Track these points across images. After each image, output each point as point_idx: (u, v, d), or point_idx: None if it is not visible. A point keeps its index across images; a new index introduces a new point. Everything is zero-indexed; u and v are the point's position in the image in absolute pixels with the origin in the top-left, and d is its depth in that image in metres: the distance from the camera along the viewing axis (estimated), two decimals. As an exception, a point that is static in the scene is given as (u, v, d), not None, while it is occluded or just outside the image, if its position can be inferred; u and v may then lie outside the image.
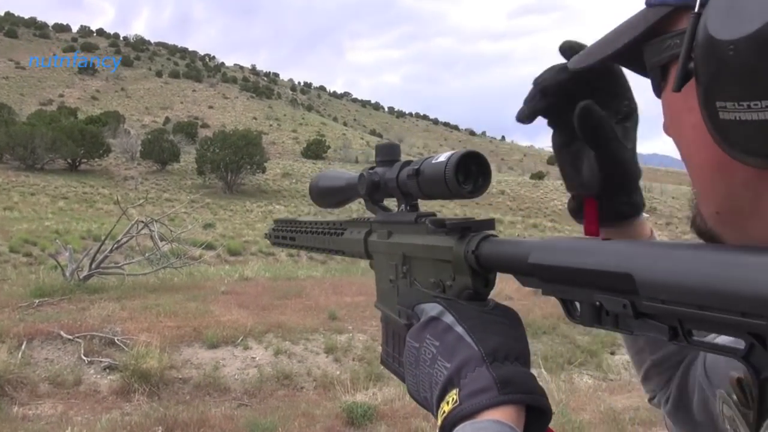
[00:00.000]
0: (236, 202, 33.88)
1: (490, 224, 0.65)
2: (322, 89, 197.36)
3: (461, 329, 0.57)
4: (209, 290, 9.05)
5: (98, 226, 18.21)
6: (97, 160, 42.82)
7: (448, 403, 0.54)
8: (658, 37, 0.46)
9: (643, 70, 0.51)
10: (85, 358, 5.70)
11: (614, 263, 0.45)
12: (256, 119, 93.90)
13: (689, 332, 0.42)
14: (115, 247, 9.06)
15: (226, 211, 29.97)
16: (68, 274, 8.39)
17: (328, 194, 0.93)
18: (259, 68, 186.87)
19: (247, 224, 24.23)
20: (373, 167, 0.81)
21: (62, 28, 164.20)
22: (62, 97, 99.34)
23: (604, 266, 0.46)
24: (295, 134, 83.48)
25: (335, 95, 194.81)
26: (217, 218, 25.39)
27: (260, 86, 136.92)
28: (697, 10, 0.39)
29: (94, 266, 8.59)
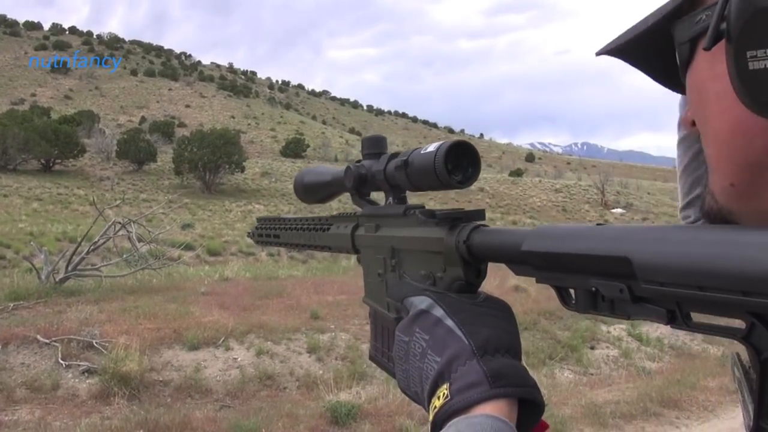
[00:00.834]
0: (215, 201, 33.58)
1: (480, 215, 0.65)
2: (300, 87, 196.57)
3: (451, 322, 0.57)
4: (189, 291, 8.95)
5: (74, 227, 17.89)
6: (71, 160, 42.11)
7: (439, 398, 0.53)
8: (687, 14, 0.45)
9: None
10: (62, 362, 5.59)
11: (610, 247, 0.44)
12: (234, 118, 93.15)
13: (687, 315, 0.42)
14: (91, 248, 8.90)
15: (204, 211, 29.68)
16: (44, 276, 8.23)
17: (313, 189, 0.91)
18: (236, 66, 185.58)
19: (226, 224, 24.03)
20: (359, 161, 0.80)
21: (33, 26, 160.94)
22: (34, 96, 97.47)
23: (599, 251, 0.45)
24: (273, 133, 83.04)
25: (314, 93, 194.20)
26: (195, 218, 25.13)
27: (238, 85, 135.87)
28: None
29: (70, 268, 8.44)
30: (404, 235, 0.71)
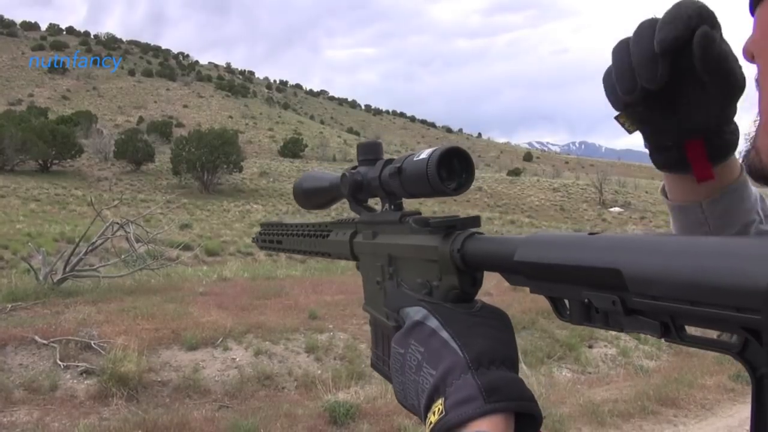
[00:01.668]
0: (213, 201, 33.56)
1: (475, 222, 0.63)
2: (298, 87, 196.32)
3: (446, 334, 0.56)
4: (187, 291, 8.94)
5: (72, 228, 17.87)
6: (69, 160, 42.05)
7: (434, 413, 0.52)
8: None
9: None
10: (60, 363, 5.59)
11: (602, 258, 0.43)
12: (231, 118, 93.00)
13: (681, 328, 0.41)
14: (89, 249, 8.88)
15: (203, 211, 29.66)
16: (42, 277, 8.22)
17: (312, 195, 0.91)
18: (234, 66, 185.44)
19: (224, 224, 24.01)
20: (355, 167, 0.79)
21: (30, 26, 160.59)
22: (32, 96, 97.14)
23: (591, 262, 0.44)
24: (271, 133, 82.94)
25: (311, 93, 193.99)
26: (193, 218, 25.11)
27: (235, 84, 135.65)
28: None
29: (68, 269, 8.42)
30: (400, 242, 0.70)
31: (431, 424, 0.51)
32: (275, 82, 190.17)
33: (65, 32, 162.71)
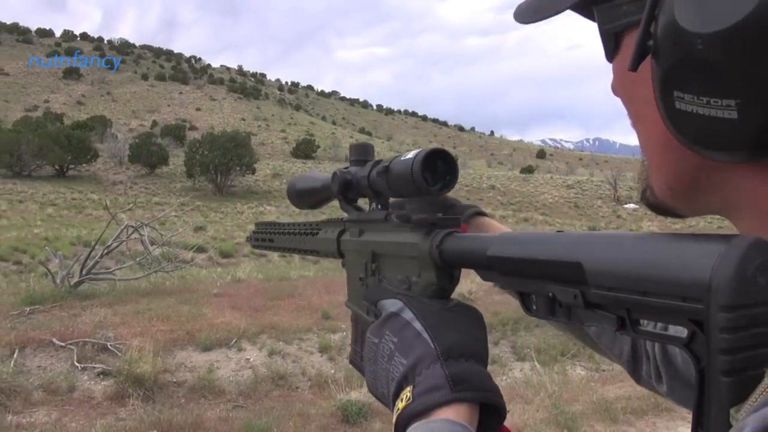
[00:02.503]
0: (227, 203, 33.77)
1: (456, 221, 0.65)
2: (309, 88, 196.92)
3: (420, 325, 0.57)
4: (201, 293, 9.02)
5: (88, 231, 18.10)
6: (84, 165, 42.59)
7: (402, 400, 0.53)
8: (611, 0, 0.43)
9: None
10: (78, 364, 5.67)
11: (565, 252, 0.45)
12: (244, 120, 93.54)
13: (636, 322, 0.43)
14: (105, 252, 9.00)
15: (216, 213, 29.87)
16: (59, 280, 8.34)
17: (305, 195, 0.94)
18: (245, 69, 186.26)
19: (238, 226, 24.17)
20: (347, 167, 0.81)
21: (45, 32, 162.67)
22: (47, 102, 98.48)
23: (555, 256, 0.46)
24: (284, 134, 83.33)
25: (323, 94, 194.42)
26: (207, 220, 25.30)
27: (247, 87, 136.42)
28: None
29: (84, 272, 8.54)
30: (383, 239, 0.72)
31: (398, 410, 0.53)
32: (287, 83, 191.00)
33: (79, 38, 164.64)
